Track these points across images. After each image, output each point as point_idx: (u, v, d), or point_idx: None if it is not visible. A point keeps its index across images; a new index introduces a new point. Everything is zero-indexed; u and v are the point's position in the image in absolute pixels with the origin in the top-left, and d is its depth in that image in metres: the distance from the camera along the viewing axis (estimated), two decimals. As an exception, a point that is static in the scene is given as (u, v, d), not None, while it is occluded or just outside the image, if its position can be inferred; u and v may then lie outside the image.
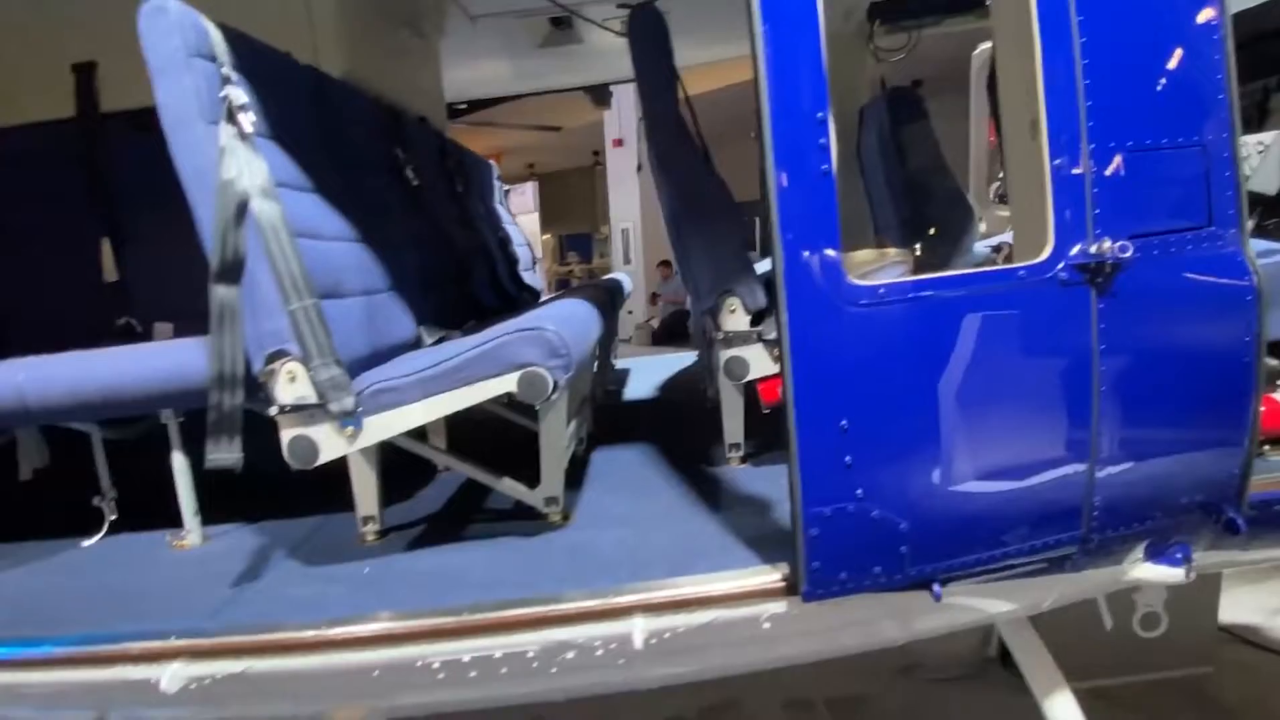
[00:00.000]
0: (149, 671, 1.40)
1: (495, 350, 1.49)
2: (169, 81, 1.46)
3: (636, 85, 1.94)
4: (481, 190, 3.71)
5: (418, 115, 2.85)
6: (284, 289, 1.47)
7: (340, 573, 1.65)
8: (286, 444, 1.52)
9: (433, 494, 2.14)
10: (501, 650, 1.38)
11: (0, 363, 1.86)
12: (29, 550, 2.00)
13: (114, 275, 2.33)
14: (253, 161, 1.47)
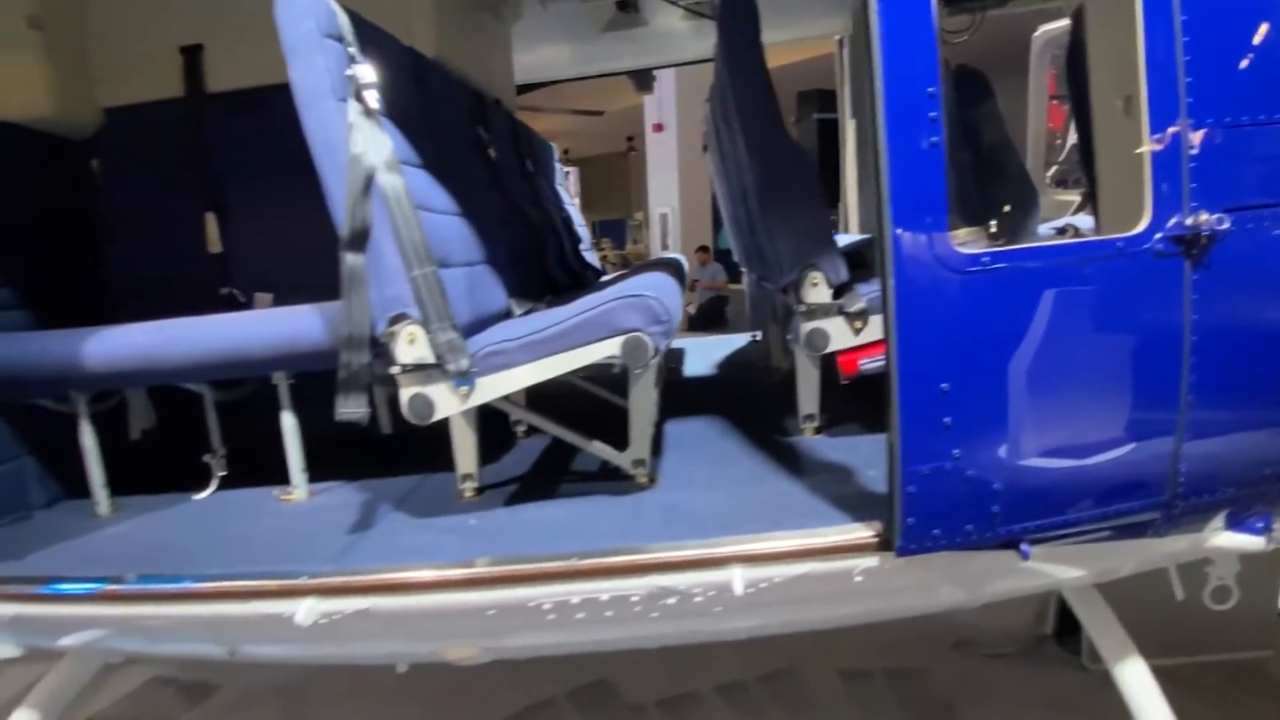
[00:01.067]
0: (283, 607, 1.52)
1: (600, 316, 1.58)
2: (302, 61, 1.56)
3: (724, 64, 2.00)
4: (547, 171, 3.80)
5: (493, 97, 2.94)
6: (406, 257, 1.57)
7: (447, 524, 1.76)
8: (406, 401, 1.62)
9: (516, 458, 2.25)
10: (608, 594, 1.47)
11: (126, 327, 2.00)
12: (147, 503, 2.16)
13: (218, 247, 2.46)
14: (378, 137, 1.57)
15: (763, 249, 2.34)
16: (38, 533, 2.01)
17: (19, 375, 2.04)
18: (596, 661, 2.96)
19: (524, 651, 1.81)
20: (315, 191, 2.48)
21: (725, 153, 2.86)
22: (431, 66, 2.26)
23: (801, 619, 1.62)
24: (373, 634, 1.59)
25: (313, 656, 1.87)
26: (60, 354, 1.99)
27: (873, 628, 3.09)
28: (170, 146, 2.43)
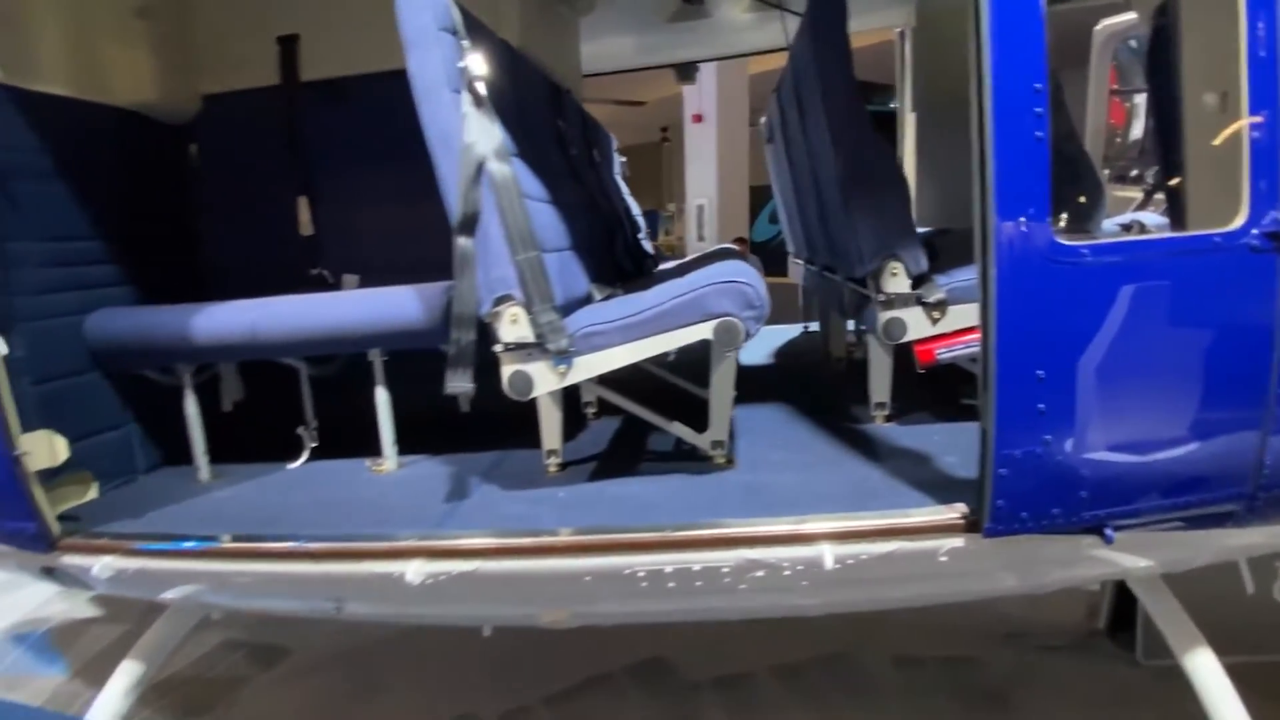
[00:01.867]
0: (393, 567, 1.62)
1: (695, 301, 1.64)
2: (421, 53, 1.64)
3: (810, 54, 2.04)
4: (609, 162, 3.87)
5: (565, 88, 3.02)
6: (512, 241, 1.65)
7: (538, 496, 1.84)
8: (507, 378, 1.71)
9: (590, 438, 2.33)
10: (700, 565, 1.54)
11: (234, 303, 2.12)
12: (243, 470, 2.28)
13: (309, 230, 2.57)
14: (489, 127, 1.65)
15: (836, 239, 2.38)
16: (148, 495, 2.14)
17: (130, 347, 2.17)
18: (654, 639, 3.05)
19: (611, 618, 1.90)
20: (400, 177, 2.59)
21: (793, 142, 2.90)
22: (519, 57, 2.34)
23: (883, 597, 1.68)
24: (475, 596, 1.69)
25: (414, 615, 1.98)
26: (171, 328, 2.11)
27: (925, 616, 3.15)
28: (264, 133, 2.54)
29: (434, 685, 2.91)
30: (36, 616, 3.62)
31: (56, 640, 3.42)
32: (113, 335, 2.16)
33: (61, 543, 1.83)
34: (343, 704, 2.84)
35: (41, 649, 3.34)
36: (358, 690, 2.92)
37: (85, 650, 3.30)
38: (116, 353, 2.17)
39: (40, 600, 3.78)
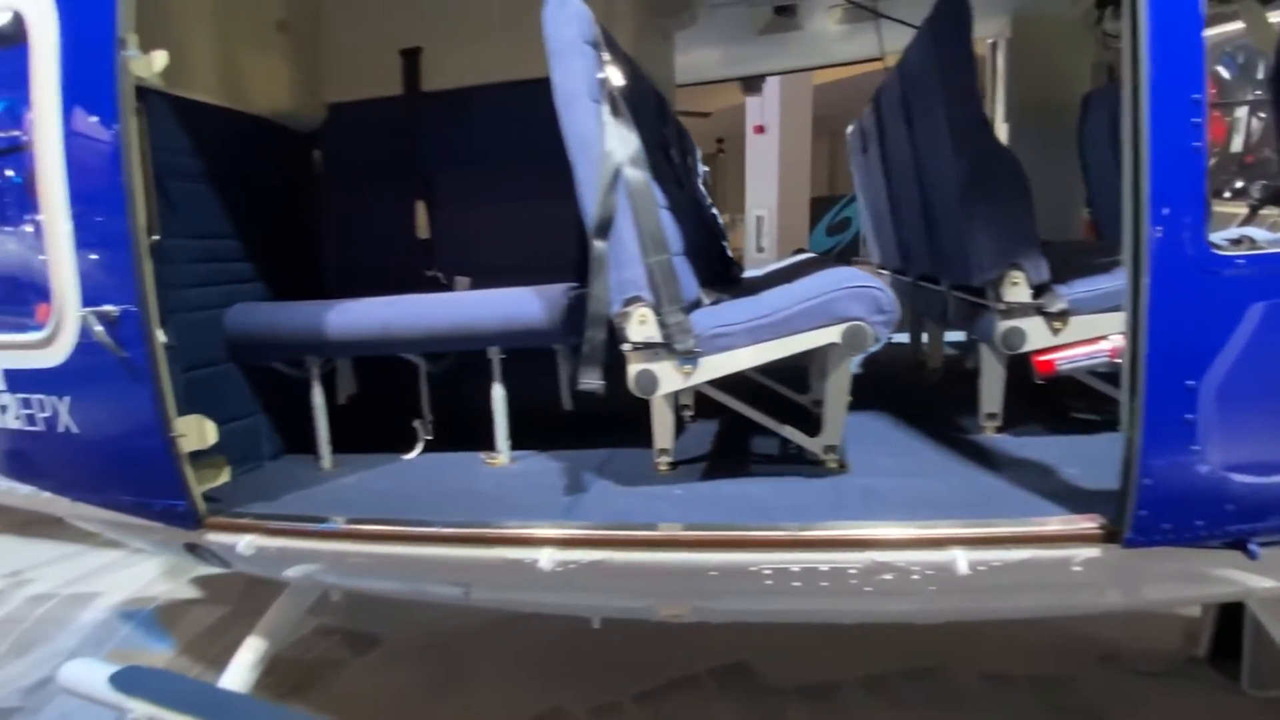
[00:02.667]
0: (526, 554, 1.68)
1: (824, 305, 1.68)
2: (565, 64, 1.72)
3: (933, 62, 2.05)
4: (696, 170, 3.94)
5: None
6: (644, 244, 1.71)
7: (655, 492, 1.89)
8: (633, 377, 1.77)
9: (691, 439, 2.37)
10: (828, 565, 1.57)
11: (365, 301, 2.23)
12: (363, 460, 2.39)
13: (425, 233, 2.70)
14: (625, 135, 1.72)
15: (945, 247, 2.38)
16: (277, 480, 2.27)
17: (266, 340, 2.31)
18: (736, 643, 3.06)
19: (729, 615, 1.94)
20: (510, 183, 2.70)
21: (894, 151, 2.91)
22: (636, 68, 2.42)
23: (1008, 606, 1.68)
24: (600, 585, 1.74)
25: (536, 604, 2.04)
26: (306, 323, 2.24)
27: (1014, 634, 3.09)
28: (385, 140, 2.68)
29: (522, 678, 2.98)
30: (142, 595, 3.83)
31: (162, 618, 3.61)
32: (250, 328, 2.30)
33: (207, 521, 1.95)
34: (434, 691, 2.93)
35: (149, 626, 3.53)
36: (448, 679, 3.01)
37: (190, 628, 3.48)
38: (253, 345, 2.31)
39: (144, 581, 4.00)
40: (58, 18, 1.87)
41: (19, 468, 2.21)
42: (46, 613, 3.66)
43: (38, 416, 2.05)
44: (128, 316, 1.83)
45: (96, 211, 1.84)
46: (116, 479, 2.00)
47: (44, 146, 1.88)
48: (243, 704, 1.84)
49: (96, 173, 1.82)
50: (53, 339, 1.94)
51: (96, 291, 1.86)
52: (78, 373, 1.94)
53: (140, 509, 1.99)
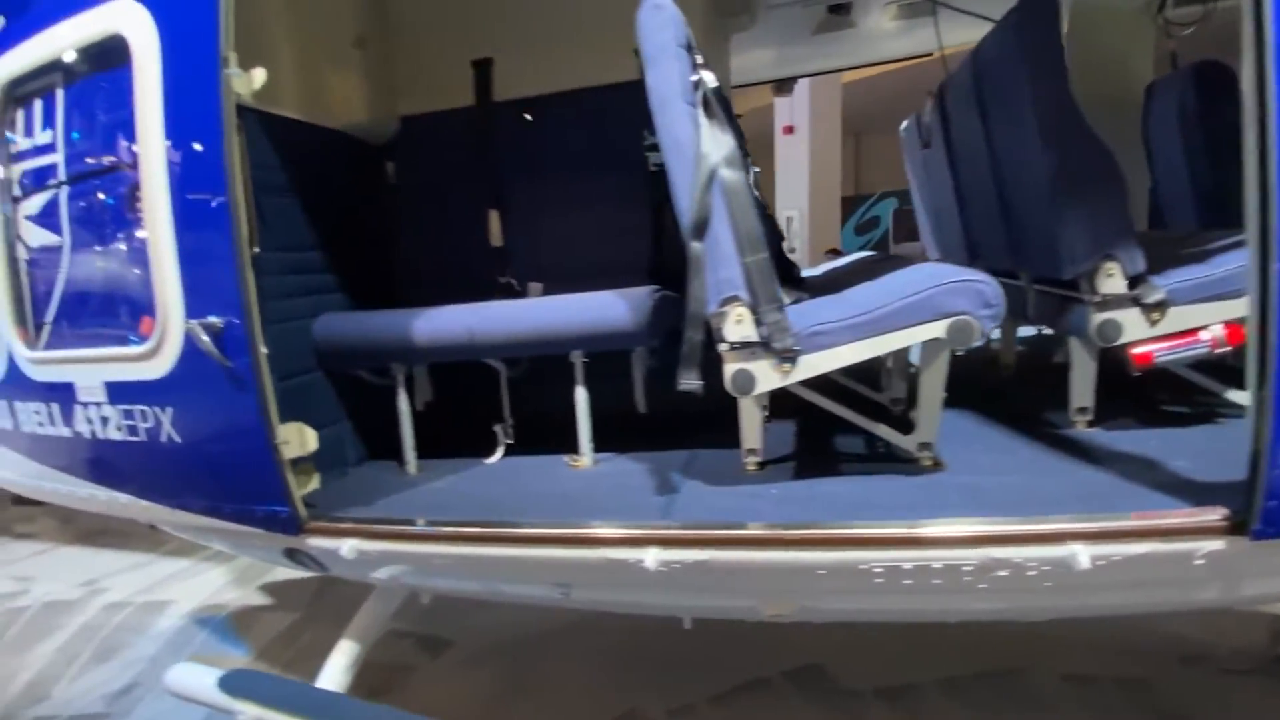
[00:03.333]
0: (630, 554, 1.69)
1: (928, 300, 1.66)
2: (660, 68, 1.74)
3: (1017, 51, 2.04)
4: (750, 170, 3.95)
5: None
6: (740, 244, 1.72)
7: (750, 491, 1.89)
8: (730, 376, 1.77)
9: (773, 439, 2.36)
10: (941, 562, 1.55)
11: (451, 308, 2.27)
12: (446, 465, 2.42)
13: (499, 241, 2.73)
14: (720, 136, 1.73)
15: (1028, 240, 2.36)
16: (366, 485, 2.30)
17: (353, 348, 2.36)
18: (809, 645, 3.05)
19: (836, 614, 1.92)
20: (580, 190, 2.73)
21: (961, 145, 2.88)
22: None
23: (1125, 602, 1.65)
24: (705, 585, 1.75)
25: (636, 603, 2.05)
26: (393, 330, 2.28)
27: (1095, 634, 3.03)
28: (457, 150, 2.72)
29: (596, 680, 3.00)
30: (213, 603, 3.92)
31: (235, 624, 3.69)
32: (338, 337, 2.35)
33: (308, 526, 1.99)
34: (509, 694, 2.96)
35: (224, 632, 3.61)
36: (522, 681, 3.03)
37: (262, 634, 3.54)
38: (341, 353, 2.36)
39: (214, 588, 4.09)
40: (159, 38, 1.92)
41: (118, 477, 2.27)
42: (124, 620, 3.76)
43: (140, 427, 2.12)
44: (232, 327, 1.88)
45: (201, 226, 1.89)
46: (218, 486, 2.05)
47: (148, 164, 1.94)
48: (352, 707, 1.87)
49: (201, 188, 1.88)
50: (156, 351, 2.00)
51: (201, 304, 1.91)
52: (181, 384, 2.00)
53: (242, 515, 2.04)
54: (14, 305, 2.39)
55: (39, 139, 2.32)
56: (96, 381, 2.17)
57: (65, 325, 2.31)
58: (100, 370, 2.16)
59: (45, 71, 2.25)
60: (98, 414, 2.20)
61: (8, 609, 3.98)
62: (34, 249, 2.38)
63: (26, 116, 2.35)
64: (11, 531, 5.23)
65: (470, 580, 2.06)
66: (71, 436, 2.31)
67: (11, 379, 2.47)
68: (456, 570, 1.94)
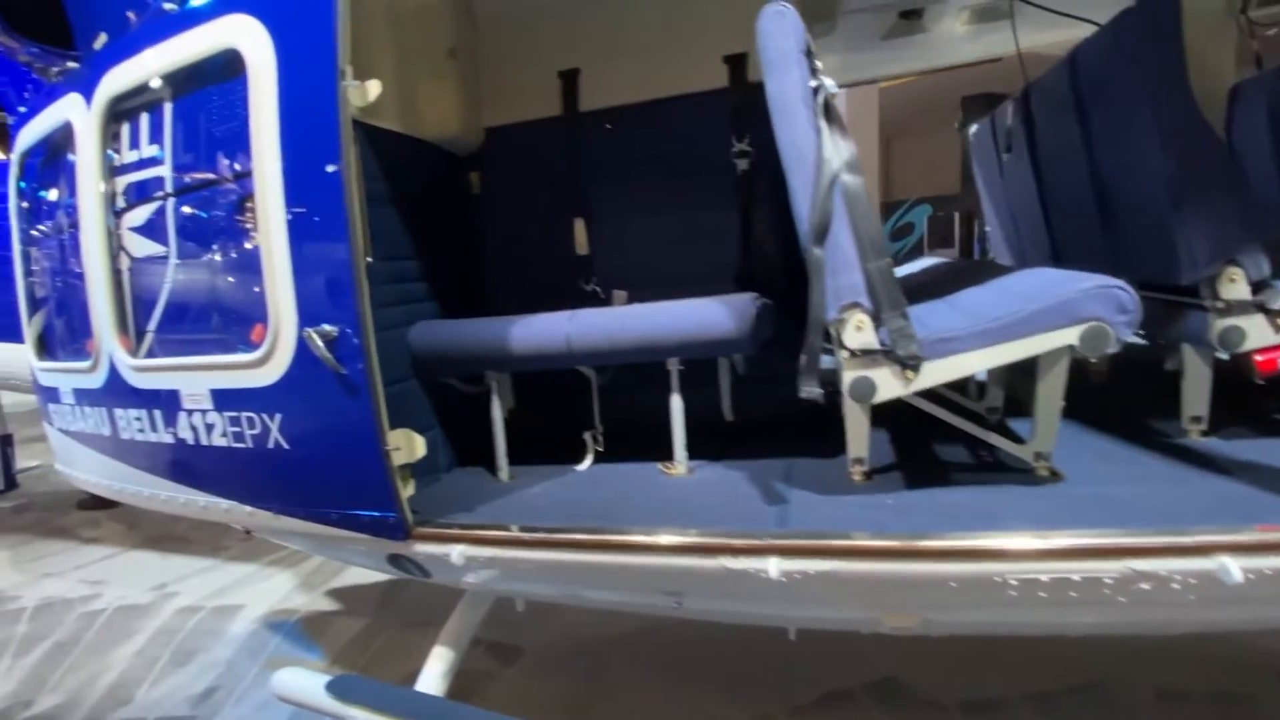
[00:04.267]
0: (751, 563, 1.68)
1: (1064, 305, 1.63)
2: (781, 74, 1.74)
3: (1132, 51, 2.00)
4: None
5: None
6: (863, 250, 1.70)
7: (865, 501, 1.87)
8: (849, 383, 1.75)
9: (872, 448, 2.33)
10: (1080, 575, 1.52)
11: (547, 316, 2.28)
12: (537, 472, 2.42)
13: (584, 249, 2.74)
14: (839, 142, 1.72)
15: (1131, 247, 2.31)
16: (462, 491, 2.32)
17: (449, 356, 2.38)
18: (887, 658, 3.00)
19: (962, 627, 1.89)
20: (664, 198, 2.73)
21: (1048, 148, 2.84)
22: None
23: (1264, 617, 1.59)
24: (826, 596, 1.73)
25: (750, 613, 2.03)
26: (489, 339, 2.29)
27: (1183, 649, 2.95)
28: (543, 160, 2.74)
29: (671, 688, 2.98)
30: (283, 607, 3.96)
31: (307, 629, 3.72)
32: (434, 345, 2.37)
33: (415, 532, 2.00)
34: (586, 700, 2.95)
35: (297, 637, 3.64)
36: (598, 688, 3.02)
37: (335, 639, 3.57)
38: (437, 361, 2.38)
39: (283, 593, 4.14)
40: (275, 52, 1.96)
41: (221, 483, 2.31)
42: (197, 624, 3.82)
43: (246, 433, 2.15)
44: (346, 335, 1.90)
45: (317, 236, 1.92)
46: (326, 492, 2.07)
47: (262, 175, 1.97)
48: (466, 713, 1.87)
49: (318, 199, 1.91)
50: (267, 358, 2.03)
51: (315, 312, 1.94)
52: (291, 390, 2.03)
53: (349, 521, 2.06)
54: (117, 314, 2.45)
55: (145, 152, 2.38)
56: (202, 388, 2.21)
57: (169, 333, 2.36)
58: (207, 378, 2.19)
59: (152, 86, 2.30)
60: (203, 420, 2.24)
61: (83, 613, 4.06)
62: (138, 259, 2.43)
63: (132, 130, 2.41)
64: (79, 536, 5.35)
65: (577, 587, 2.05)
66: (173, 443, 2.35)
67: (111, 386, 2.53)
68: (566, 577, 1.94)
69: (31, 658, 3.59)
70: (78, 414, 2.81)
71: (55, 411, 3.03)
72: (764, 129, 2.58)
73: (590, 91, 2.73)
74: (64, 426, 3.00)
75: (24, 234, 3.08)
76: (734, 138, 2.57)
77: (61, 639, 3.76)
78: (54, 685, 3.32)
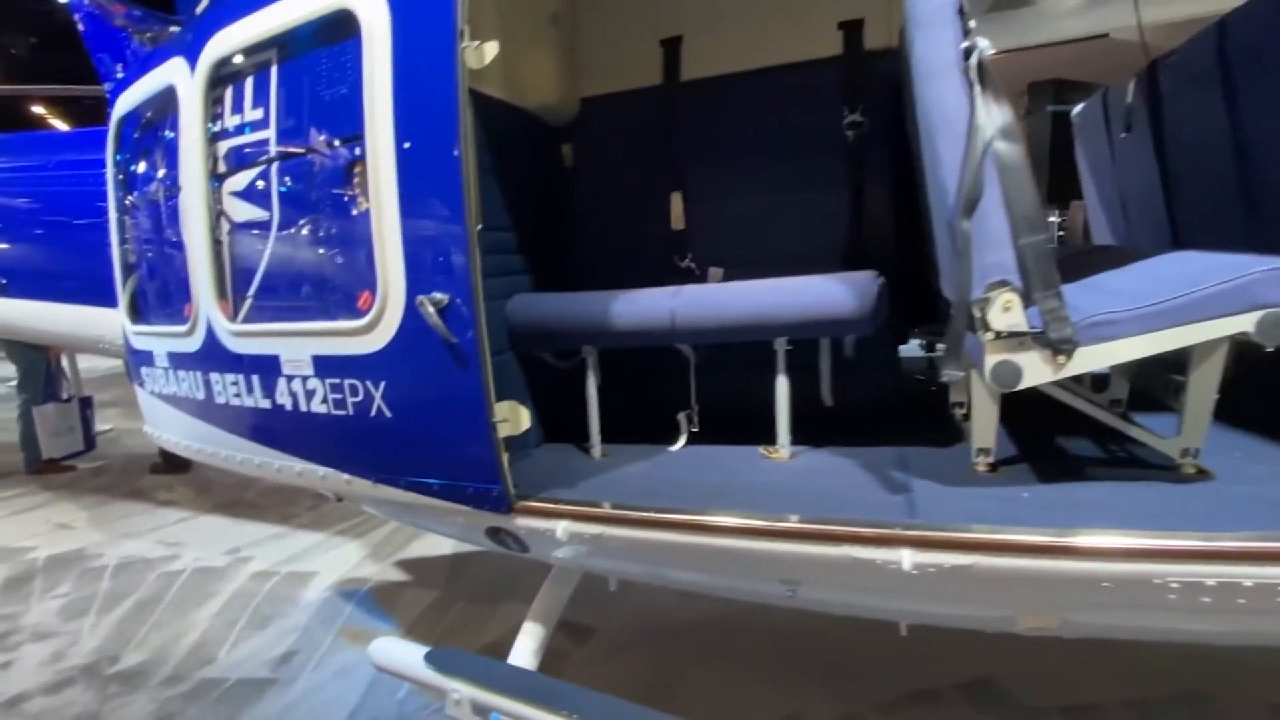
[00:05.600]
0: (879, 554, 1.59)
1: (1242, 288, 1.50)
2: (931, 34, 1.63)
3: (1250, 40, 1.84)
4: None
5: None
6: (1016, 224, 1.59)
7: (995, 494, 1.76)
8: (991, 367, 1.64)
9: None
10: (1252, 580, 1.40)
11: (650, 291, 2.21)
12: (630, 451, 2.36)
13: (680, 224, 2.66)
14: (993, 107, 1.60)
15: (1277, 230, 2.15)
16: (556, 467, 2.27)
17: (548, 329, 2.33)
18: (979, 659, 2.90)
19: (1107, 631, 1.79)
20: (764, 173, 2.63)
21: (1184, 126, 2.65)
22: None
23: None
24: (960, 592, 1.63)
25: (873, 606, 1.95)
26: (589, 313, 2.23)
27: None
28: (640, 131, 2.66)
29: (755, 677, 2.91)
30: (354, 576, 4.01)
31: (378, 598, 3.76)
32: (533, 318, 2.33)
33: (517, 505, 1.96)
34: (664, 685, 2.90)
35: (369, 606, 3.68)
36: (675, 673, 2.97)
37: (408, 610, 3.60)
38: (534, 334, 2.33)
39: (353, 561, 4.19)
40: (390, 12, 1.91)
41: (318, 450, 2.30)
42: (273, 589, 3.89)
43: (348, 401, 2.13)
44: (457, 303, 1.86)
45: (430, 202, 1.88)
46: (428, 462, 2.04)
47: (374, 139, 1.93)
48: (567, 691, 1.83)
49: (432, 164, 1.86)
50: (374, 325, 2.00)
51: (425, 280, 1.90)
52: (397, 358, 2.00)
53: (450, 492, 2.03)
54: (216, 279, 2.45)
55: (249, 116, 2.36)
56: (304, 354, 2.19)
57: (269, 299, 2.35)
58: (308, 343, 2.18)
59: (259, 49, 2.28)
60: (302, 387, 2.23)
61: (162, 573, 4.17)
62: (238, 224, 2.43)
63: (236, 94, 2.39)
64: (154, 499, 5.51)
65: (684, 569, 2.00)
66: (270, 408, 2.35)
67: (208, 350, 2.54)
68: (676, 559, 1.88)
69: (115, 614, 3.69)
70: (171, 378, 2.84)
71: (147, 375, 3.07)
72: (879, 99, 2.49)
73: (692, 60, 2.64)
74: (155, 389, 3.04)
75: (120, 200, 3.12)
76: (846, 109, 2.46)
77: (143, 598, 3.86)
78: (139, 642, 3.40)
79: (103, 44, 3.40)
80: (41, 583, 4.11)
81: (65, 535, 4.82)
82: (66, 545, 4.62)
